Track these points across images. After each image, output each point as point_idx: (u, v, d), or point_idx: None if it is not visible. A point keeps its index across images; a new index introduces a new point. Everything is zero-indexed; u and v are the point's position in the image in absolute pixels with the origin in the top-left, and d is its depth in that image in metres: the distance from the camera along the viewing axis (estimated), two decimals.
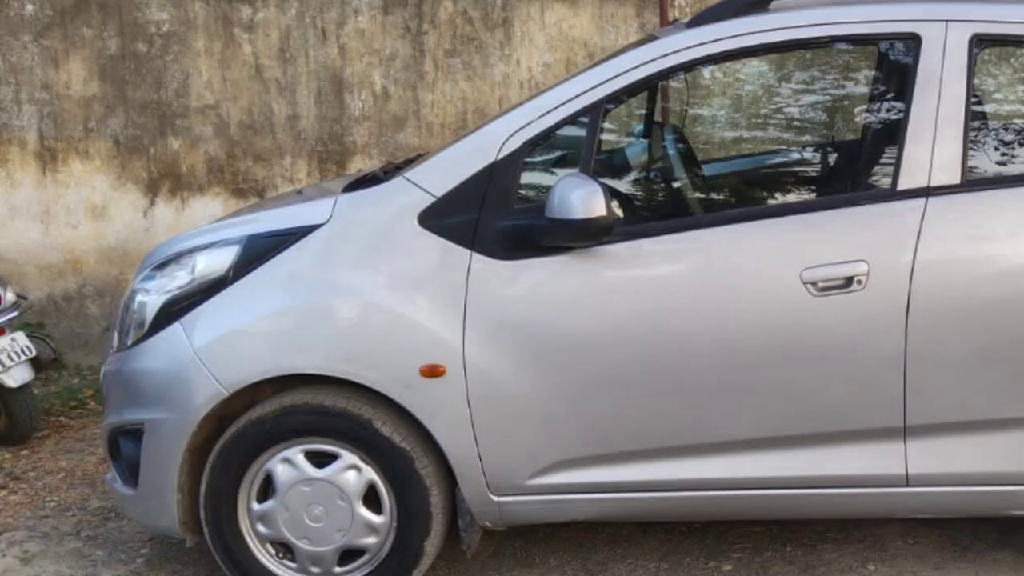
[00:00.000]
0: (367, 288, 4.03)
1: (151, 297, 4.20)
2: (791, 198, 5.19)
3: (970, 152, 4.00)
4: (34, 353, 6.07)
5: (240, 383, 4.04)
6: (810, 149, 5.82)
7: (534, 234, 3.94)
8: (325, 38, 6.92)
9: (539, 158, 4.35)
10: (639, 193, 4.96)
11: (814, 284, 3.92)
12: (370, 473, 4.06)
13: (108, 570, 4.63)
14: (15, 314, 6.05)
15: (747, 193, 5.38)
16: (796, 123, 6.12)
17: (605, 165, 4.81)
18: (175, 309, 4.13)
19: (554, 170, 4.32)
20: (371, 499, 4.09)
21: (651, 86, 4.92)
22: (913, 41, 4.04)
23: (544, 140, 4.09)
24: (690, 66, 4.17)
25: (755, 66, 6.54)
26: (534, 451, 4.04)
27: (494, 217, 3.99)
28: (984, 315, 3.93)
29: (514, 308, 3.99)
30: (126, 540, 4.89)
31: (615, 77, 4.05)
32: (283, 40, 7.00)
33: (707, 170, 5.39)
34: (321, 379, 4.06)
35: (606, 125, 4.30)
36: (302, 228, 4.12)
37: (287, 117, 7.06)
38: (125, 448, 4.26)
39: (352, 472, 4.06)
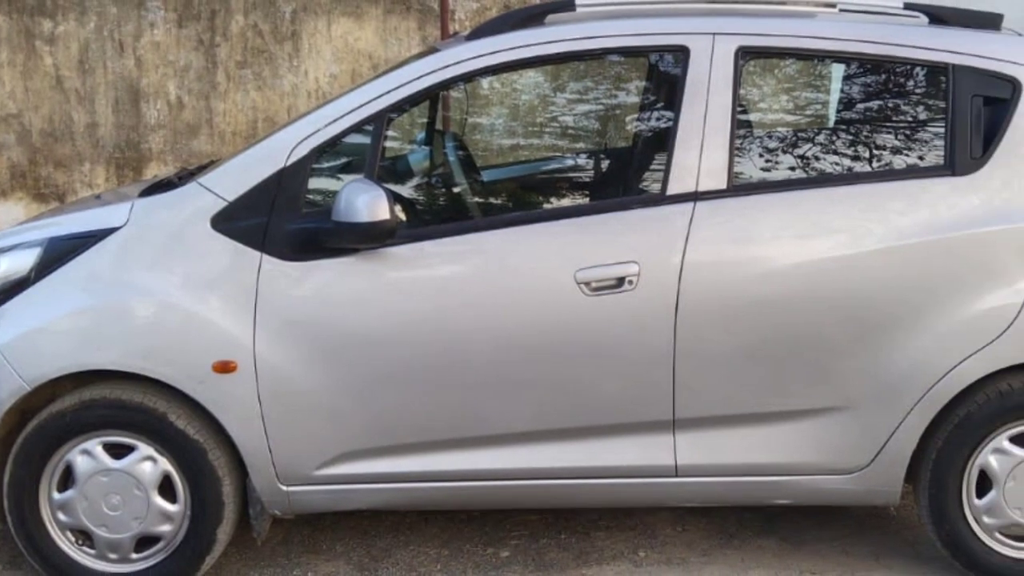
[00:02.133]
0: (162, 288, 4.15)
1: None
2: (566, 202, 5.38)
3: (736, 159, 4.19)
4: None
5: (41, 378, 4.18)
6: (584, 156, 6.00)
7: (321, 237, 4.09)
8: (122, 50, 7.10)
9: (326, 164, 4.50)
10: (422, 198, 5.12)
11: (587, 284, 4.10)
12: (165, 464, 4.22)
13: None
14: None
15: (524, 198, 5.56)
16: (571, 131, 6.31)
17: (389, 171, 5.00)
18: None
19: (340, 176, 4.48)
20: (167, 489, 4.24)
21: (432, 96, 5.09)
22: (682, 53, 4.22)
23: (331, 147, 4.24)
24: (469, 77, 4.31)
25: (532, 77, 6.73)
26: (321, 443, 4.21)
27: (283, 220, 4.14)
28: (748, 314, 4.13)
29: (302, 307, 4.14)
30: None
31: (398, 87, 4.21)
32: (83, 52, 7.17)
33: (486, 176, 5.58)
34: (119, 375, 4.20)
35: (389, 133, 4.48)
36: (101, 231, 4.25)
37: (86, 125, 7.23)
38: None
39: (148, 463, 4.21)
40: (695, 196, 4.14)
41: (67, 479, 4.26)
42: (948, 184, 4.18)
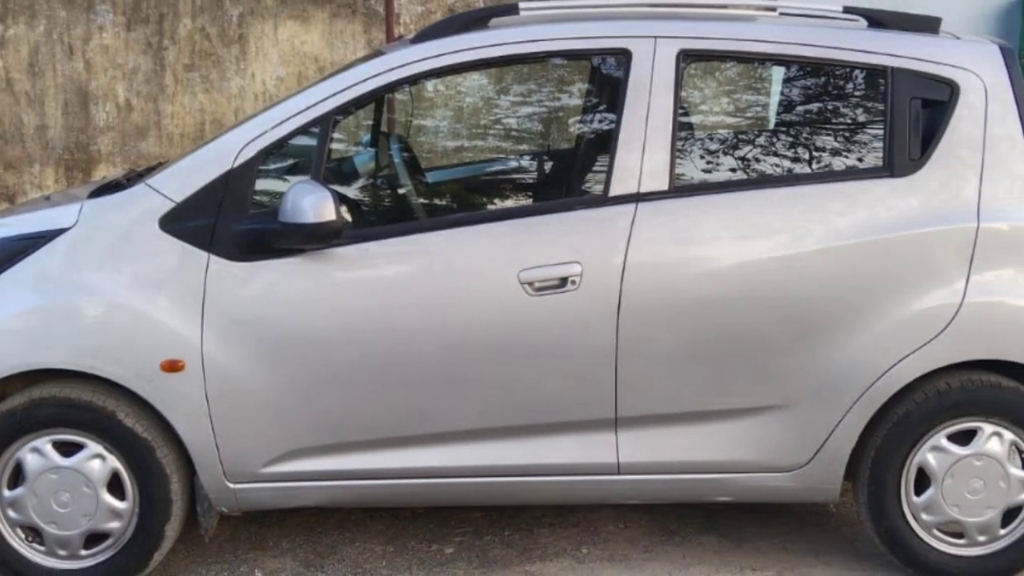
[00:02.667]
0: (111, 288, 4.19)
1: None
2: (510, 203, 5.45)
3: (678, 160, 4.24)
4: None
5: None
6: (528, 157, 6.05)
7: (268, 237, 4.13)
8: (72, 53, 7.15)
9: (273, 166, 4.54)
10: (367, 199, 5.17)
11: (531, 284, 4.15)
12: (114, 462, 4.26)
13: None
14: None
15: (468, 199, 5.61)
16: (515, 133, 6.37)
17: (335, 172, 5.03)
18: None
19: (287, 177, 4.53)
20: (115, 486, 4.27)
21: (378, 98, 5.11)
22: (624, 56, 4.27)
23: (277, 149, 4.28)
24: (414, 79, 4.37)
25: (476, 80, 6.78)
26: (268, 441, 4.26)
27: (230, 221, 4.18)
28: (690, 314, 4.18)
29: (249, 307, 4.18)
30: None
31: (344, 90, 4.25)
32: (32, 55, 7.21)
33: (431, 177, 5.63)
34: (68, 373, 4.24)
35: (335, 135, 4.51)
36: (50, 232, 4.27)
37: (36, 127, 7.28)
38: None
39: (97, 461, 4.25)
40: (637, 197, 4.19)
41: (17, 476, 4.30)
42: (887, 185, 4.23)
